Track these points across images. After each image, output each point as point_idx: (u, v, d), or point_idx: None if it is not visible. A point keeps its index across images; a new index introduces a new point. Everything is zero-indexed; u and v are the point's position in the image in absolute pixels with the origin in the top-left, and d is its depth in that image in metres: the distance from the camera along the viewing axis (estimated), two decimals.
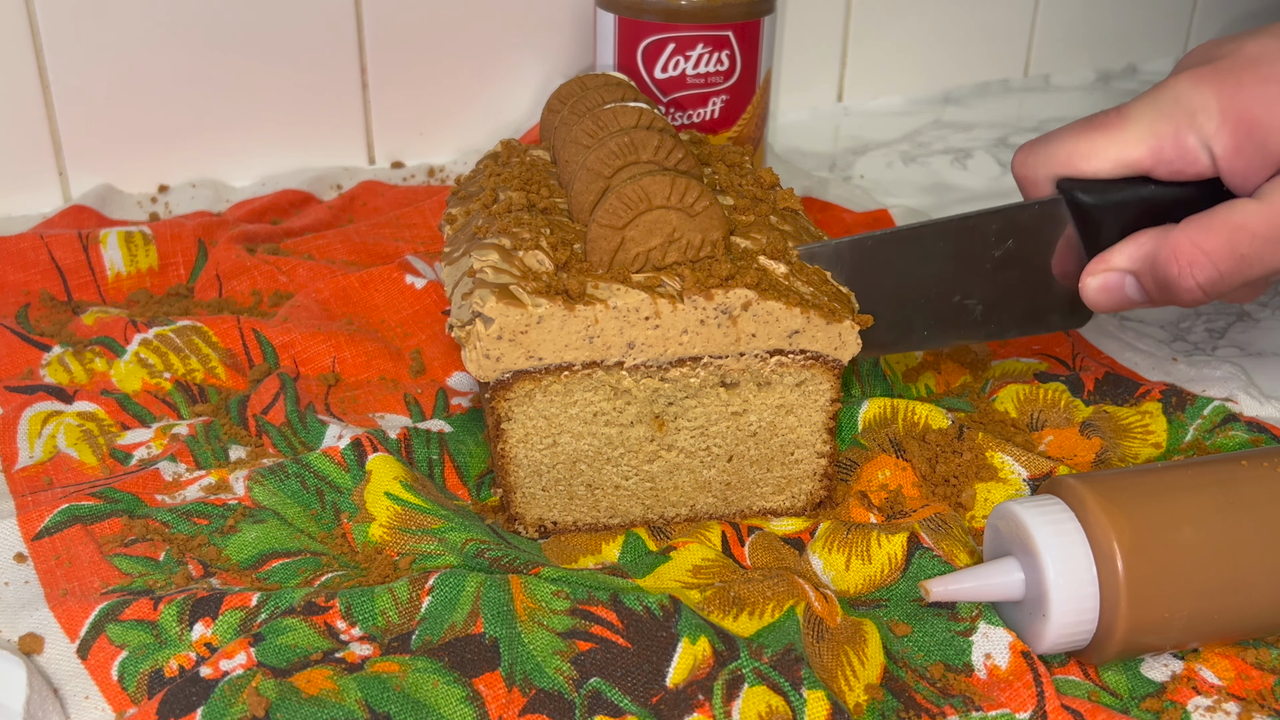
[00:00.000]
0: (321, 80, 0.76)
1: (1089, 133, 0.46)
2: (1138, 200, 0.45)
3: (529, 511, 0.46)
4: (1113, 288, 0.46)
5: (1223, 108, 0.43)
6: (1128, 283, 0.45)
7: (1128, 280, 0.45)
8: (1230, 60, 0.43)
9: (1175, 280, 0.44)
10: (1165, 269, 0.44)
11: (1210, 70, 0.43)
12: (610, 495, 0.46)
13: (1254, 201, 0.43)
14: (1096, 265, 0.46)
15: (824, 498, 0.48)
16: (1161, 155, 0.44)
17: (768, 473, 0.47)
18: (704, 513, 0.48)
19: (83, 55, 0.69)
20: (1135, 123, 0.45)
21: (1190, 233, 0.43)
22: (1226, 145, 0.43)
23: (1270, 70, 0.42)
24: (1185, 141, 0.44)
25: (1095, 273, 0.46)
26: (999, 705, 0.38)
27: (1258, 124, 0.42)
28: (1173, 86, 0.44)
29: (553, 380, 0.43)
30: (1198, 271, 0.43)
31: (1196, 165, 0.44)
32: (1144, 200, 0.45)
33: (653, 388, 0.44)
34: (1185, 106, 0.44)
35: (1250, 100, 0.42)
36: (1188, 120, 0.43)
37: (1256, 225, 0.42)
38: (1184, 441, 0.51)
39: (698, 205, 0.43)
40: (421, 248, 0.66)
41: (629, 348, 0.43)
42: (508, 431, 0.44)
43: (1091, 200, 0.46)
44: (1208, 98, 0.43)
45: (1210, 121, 0.43)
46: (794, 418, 0.46)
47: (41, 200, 0.72)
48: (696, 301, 0.42)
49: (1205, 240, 0.43)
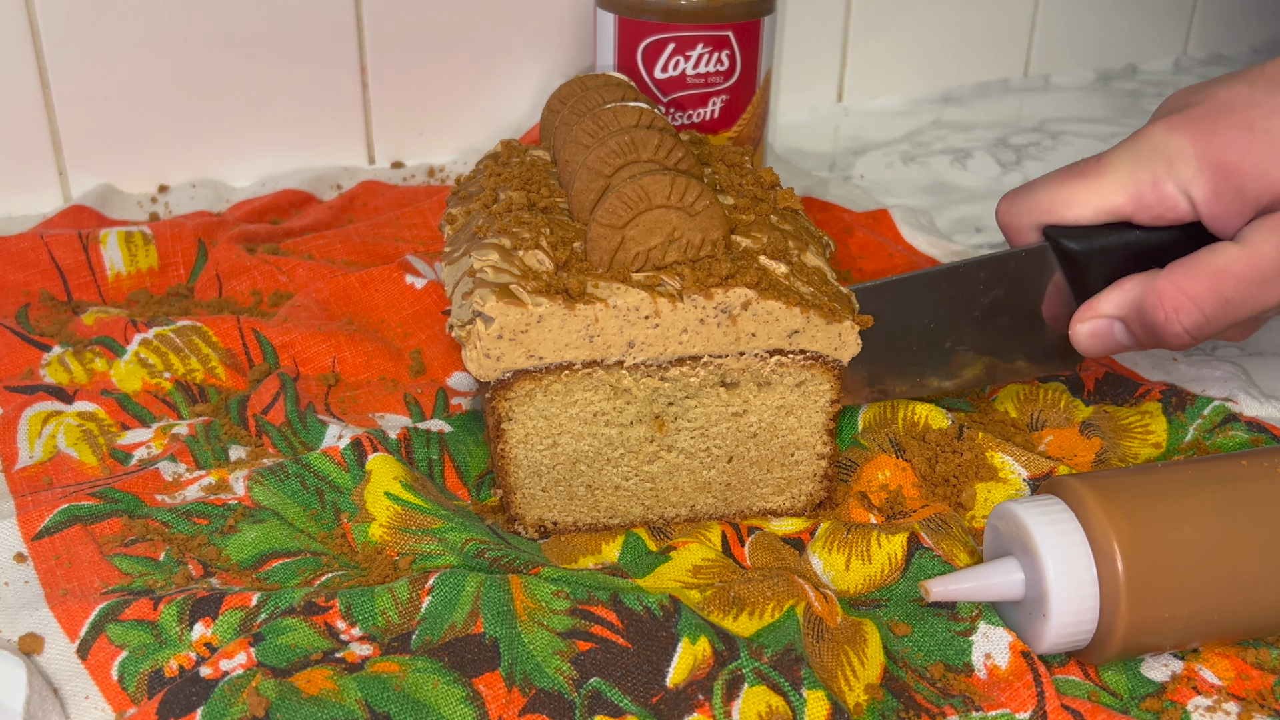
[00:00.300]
0: (321, 80, 0.76)
1: (1070, 181, 0.46)
2: (1123, 245, 0.46)
3: (529, 512, 0.46)
4: (1102, 334, 0.46)
5: (1198, 154, 0.43)
6: (1116, 328, 0.46)
7: (1116, 326, 0.46)
8: (1204, 107, 0.44)
9: (1162, 325, 0.44)
10: (1151, 314, 0.44)
11: (1184, 118, 0.44)
12: (610, 496, 0.46)
13: (1235, 245, 0.43)
14: (1085, 312, 0.47)
15: (824, 499, 0.48)
16: (1142, 202, 0.45)
17: (768, 474, 0.47)
18: (704, 513, 0.48)
19: (83, 55, 0.69)
20: (1114, 171, 0.45)
21: (1174, 278, 0.44)
22: (1205, 191, 0.44)
23: (1242, 116, 0.43)
24: (1164, 188, 0.44)
25: (1084, 319, 0.47)
26: (999, 705, 0.38)
27: (1233, 169, 0.43)
28: (1150, 134, 0.45)
29: (553, 380, 0.43)
30: (1183, 316, 0.44)
31: (1177, 211, 0.45)
32: (1129, 245, 0.46)
33: (652, 387, 0.44)
34: (1163, 154, 0.44)
35: (1224, 147, 0.43)
36: (1166, 167, 0.44)
37: (1239, 269, 0.43)
38: (1184, 441, 0.51)
39: (698, 205, 0.43)
40: (421, 248, 0.66)
41: (629, 347, 0.43)
42: (508, 431, 0.44)
43: (1077, 247, 0.46)
44: (1184, 145, 0.44)
45: (1188, 168, 0.44)
46: (794, 418, 0.46)
47: (41, 200, 0.72)
48: (696, 301, 0.42)
49: (1189, 285, 0.43)
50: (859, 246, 0.68)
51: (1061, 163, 0.85)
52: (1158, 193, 0.44)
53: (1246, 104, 0.43)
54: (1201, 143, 0.43)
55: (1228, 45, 1.12)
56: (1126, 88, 1.03)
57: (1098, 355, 0.47)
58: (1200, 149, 0.43)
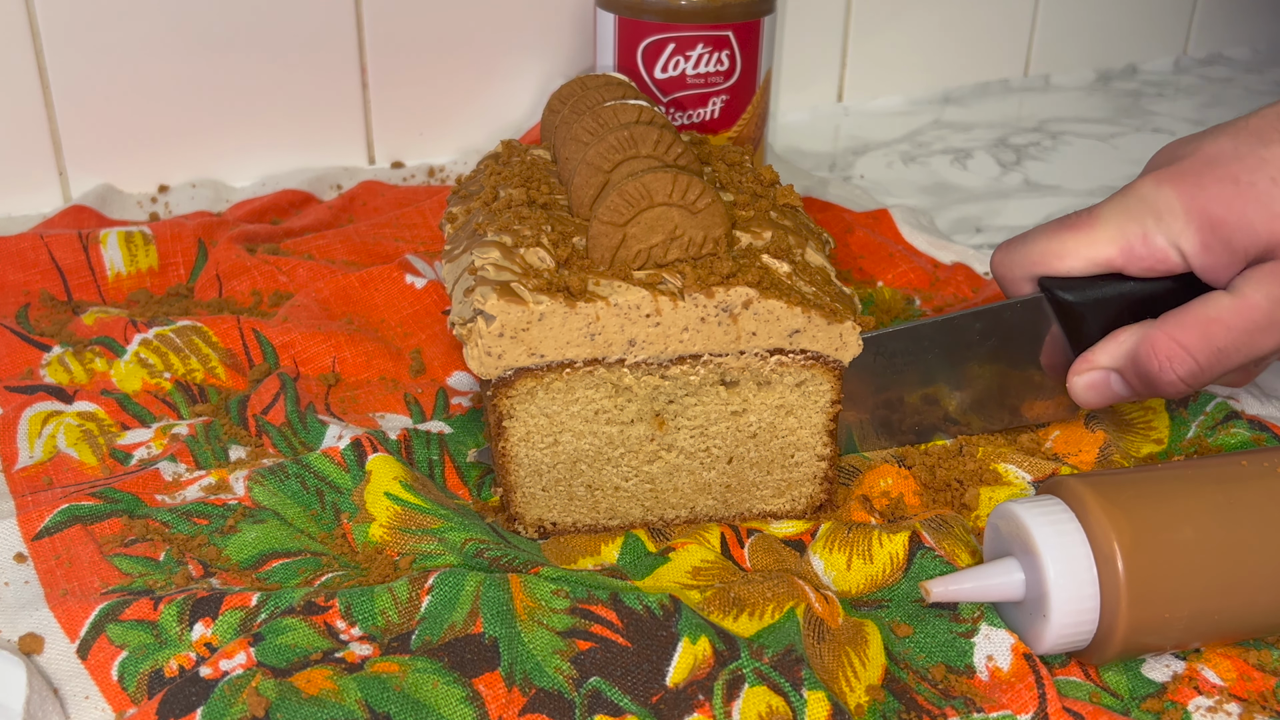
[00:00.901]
0: (321, 80, 0.76)
1: (1061, 233, 0.47)
2: (1118, 296, 0.46)
3: (529, 511, 0.46)
4: (1099, 385, 0.47)
5: (1186, 208, 0.44)
6: (1113, 379, 0.46)
7: (1112, 377, 0.46)
8: (1191, 161, 0.45)
9: (1156, 375, 0.45)
10: (1146, 364, 0.45)
11: (1173, 171, 0.45)
12: (610, 496, 0.46)
13: (1227, 295, 0.44)
14: (1081, 364, 0.47)
15: (824, 501, 0.48)
16: (1133, 254, 0.45)
17: (768, 475, 0.47)
18: (704, 515, 0.47)
19: (83, 55, 0.69)
20: (1105, 224, 0.46)
21: (1168, 328, 0.44)
22: (1194, 244, 0.44)
23: (1227, 170, 0.44)
24: (1155, 241, 0.45)
25: (1081, 372, 0.47)
26: (1001, 707, 0.38)
27: (1221, 222, 0.44)
28: (1139, 188, 0.46)
29: (554, 378, 0.43)
30: (1177, 365, 0.44)
31: (1168, 263, 0.45)
32: (1124, 296, 0.46)
33: (653, 385, 0.44)
34: (1151, 207, 0.45)
35: (1211, 200, 0.44)
36: (1155, 221, 0.45)
37: (1230, 318, 0.43)
38: (1186, 438, 0.51)
39: (700, 202, 0.42)
40: (421, 247, 0.66)
41: (630, 345, 0.43)
42: (509, 430, 0.44)
43: (1072, 298, 0.47)
44: (1171, 199, 0.44)
45: (1176, 221, 0.44)
46: (794, 419, 0.46)
47: (41, 200, 0.72)
48: (697, 299, 0.42)
49: (1182, 335, 0.44)
50: (859, 246, 0.68)
51: (1061, 162, 0.86)
52: (1148, 245, 0.45)
53: (1231, 157, 0.44)
54: (1188, 196, 0.44)
55: (1228, 45, 1.12)
56: (1126, 88, 1.03)
57: (1096, 407, 0.48)
58: (1187, 202, 0.44)
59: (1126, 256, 0.45)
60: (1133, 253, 0.45)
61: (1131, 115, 0.96)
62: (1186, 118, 0.96)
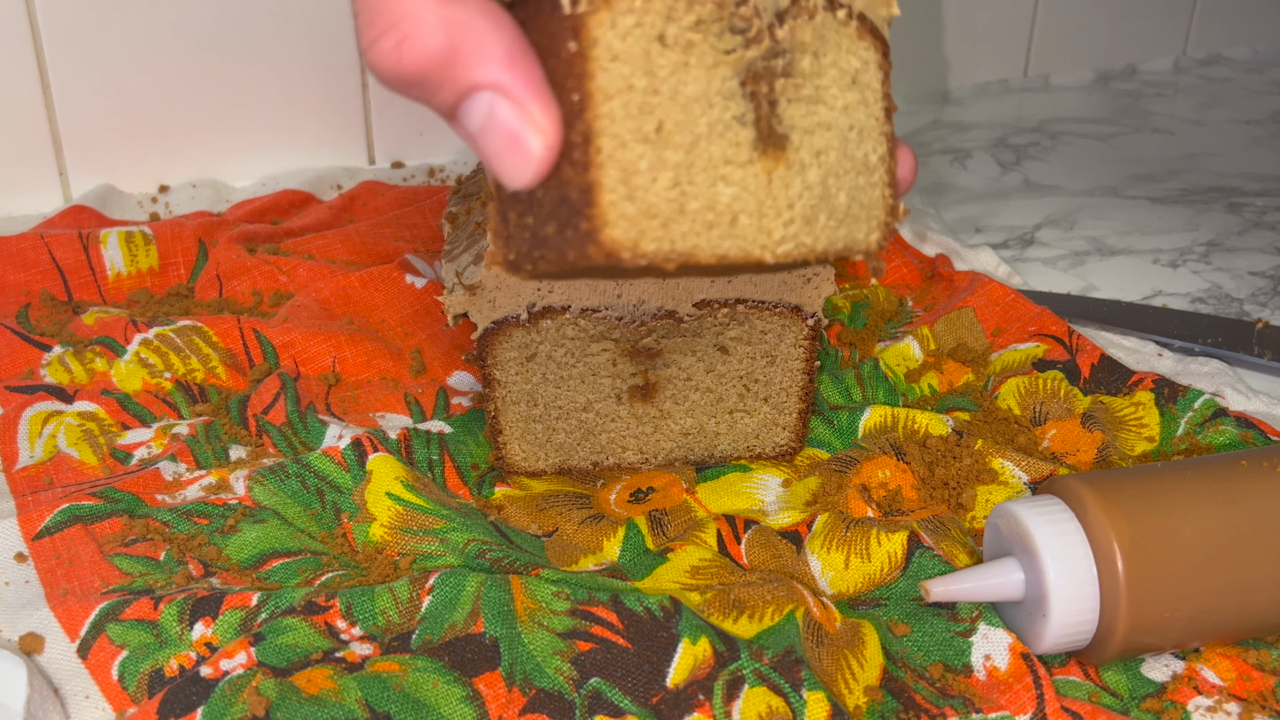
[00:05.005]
0: (321, 80, 0.76)
1: None
2: None
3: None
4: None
5: None
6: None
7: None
8: None
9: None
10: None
11: None
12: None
13: None
14: None
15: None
16: None
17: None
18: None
19: (83, 55, 0.69)
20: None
21: None
22: None
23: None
24: None
25: None
26: (999, 707, 0.38)
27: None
28: None
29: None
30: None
31: None
32: None
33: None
34: None
35: None
36: None
37: None
38: (1176, 435, 0.51)
39: None
40: (422, 247, 0.66)
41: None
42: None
43: None
44: None
45: None
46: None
47: (41, 200, 0.72)
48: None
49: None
50: None
51: (1061, 162, 0.86)
52: None
53: None
54: None
55: (1227, 45, 1.12)
56: (1126, 88, 1.03)
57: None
58: None
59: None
60: None
61: (1131, 115, 0.96)
62: (1186, 118, 0.96)
